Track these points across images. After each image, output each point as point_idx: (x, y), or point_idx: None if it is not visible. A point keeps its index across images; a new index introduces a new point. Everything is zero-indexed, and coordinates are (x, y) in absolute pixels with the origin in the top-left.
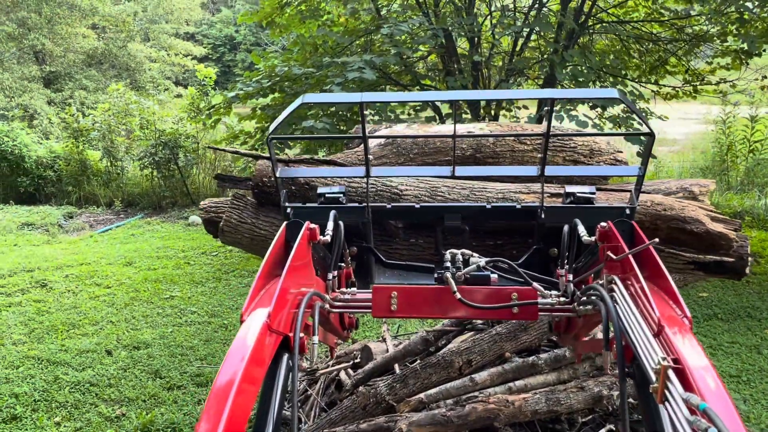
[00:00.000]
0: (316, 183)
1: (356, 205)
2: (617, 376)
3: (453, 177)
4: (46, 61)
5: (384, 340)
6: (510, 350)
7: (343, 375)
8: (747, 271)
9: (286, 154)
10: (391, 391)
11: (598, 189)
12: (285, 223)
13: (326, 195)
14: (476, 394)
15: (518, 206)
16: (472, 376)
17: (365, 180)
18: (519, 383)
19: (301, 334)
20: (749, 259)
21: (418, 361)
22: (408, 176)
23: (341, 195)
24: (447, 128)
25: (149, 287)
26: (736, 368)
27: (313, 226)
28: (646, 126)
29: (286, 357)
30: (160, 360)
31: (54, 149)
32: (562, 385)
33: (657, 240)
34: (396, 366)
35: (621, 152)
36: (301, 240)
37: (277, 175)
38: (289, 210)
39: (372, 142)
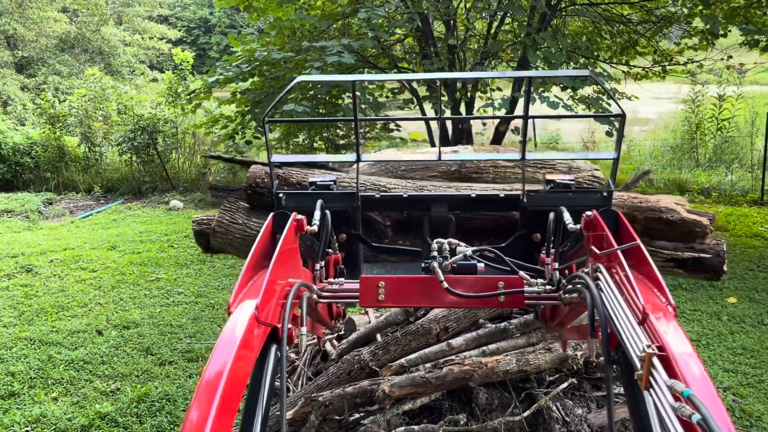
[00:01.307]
0: (307, 183)
1: (346, 191)
2: (602, 363)
3: (439, 161)
4: (18, 46)
5: (366, 312)
6: (483, 317)
7: (328, 346)
8: (724, 268)
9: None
10: (374, 358)
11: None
12: (272, 214)
13: (317, 183)
14: (453, 357)
15: (502, 195)
16: (449, 341)
17: (356, 169)
18: (492, 347)
19: (289, 325)
20: (725, 256)
21: (399, 329)
22: (397, 160)
23: (332, 183)
24: (433, 150)
25: (135, 270)
26: (696, 333)
27: (300, 217)
28: (617, 105)
29: (274, 348)
30: (150, 338)
31: (30, 136)
32: (531, 347)
33: (637, 243)
34: (378, 335)
35: (597, 170)
36: (288, 231)
37: (271, 160)
38: (281, 195)
39: (361, 164)
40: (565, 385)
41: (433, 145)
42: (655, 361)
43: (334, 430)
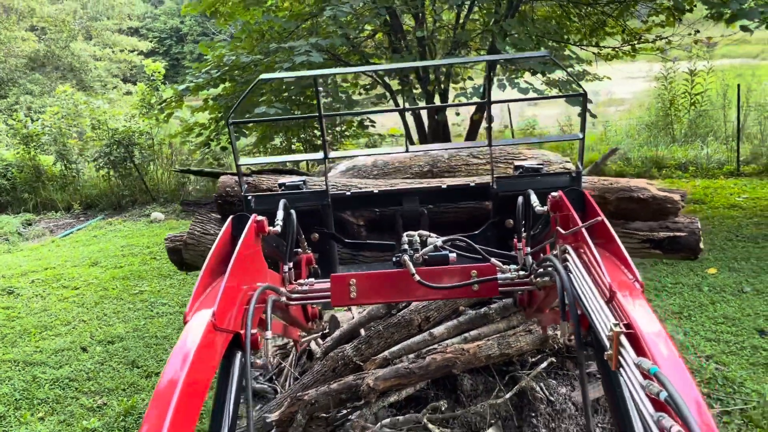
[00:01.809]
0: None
1: (317, 189)
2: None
3: (407, 152)
4: None
5: (350, 309)
6: (464, 305)
7: (313, 345)
8: (701, 246)
9: (243, 140)
10: (357, 352)
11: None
12: (230, 217)
13: (286, 183)
14: (435, 346)
15: (472, 184)
16: (431, 330)
17: (324, 167)
18: (473, 333)
19: (254, 330)
20: (700, 233)
21: (381, 323)
22: (365, 155)
23: (301, 183)
24: (401, 149)
25: (117, 284)
26: (678, 305)
27: (260, 218)
28: (578, 85)
29: (239, 354)
30: (136, 351)
31: (5, 157)
32: (512, 330)
33: (600, 218)
34: (362, 330)
35: (569, 162)
36: (247, 233)
37: (239, 164)
38: (250, 197)
39: (334, 170)
40: (544, 364)
41: (410, 139)
42: (623, 339)
43: (321, 427)
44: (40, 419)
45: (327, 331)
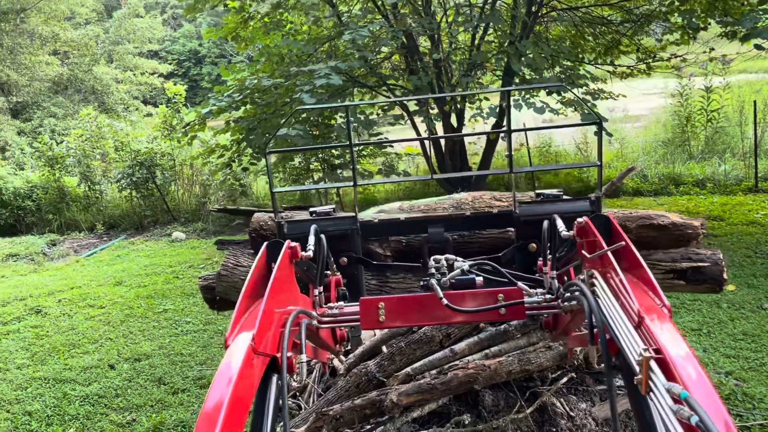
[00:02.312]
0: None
1: (345, 215)
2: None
3: (432, 178)
4: (12, 92)
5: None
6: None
7: (336, 362)
8: (725, 276)
9: (264, 161)
10: (381, 369)
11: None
12: (265, 243)
13: (317, 210)
14: (457, 362)
15: (495, 211)
16: (452, 347)
17: (353, 194)
18: (494, 349)
19: (289, 354)
20: (723, 264)
21: (403, 340)
22: (391, 182)
23: (331, 210)
24: (426, 177)
25: (142, 303)
26: (697, 322)
27: (294, 244)
28: (593, 113)
29: (275, 377)
30: (162, 368)
31: (30, 179)
32: (532, 346)
33: (623, 243)
34: (384, 347)
35: (562, 191)
36: (282, 259)
37: (273, 190)
38: (282, 223)
39: (364, 214)
40: (565, 380)
41: (427, 157)
42: (653, 364)
43: None
44: None
45: (349, 348)
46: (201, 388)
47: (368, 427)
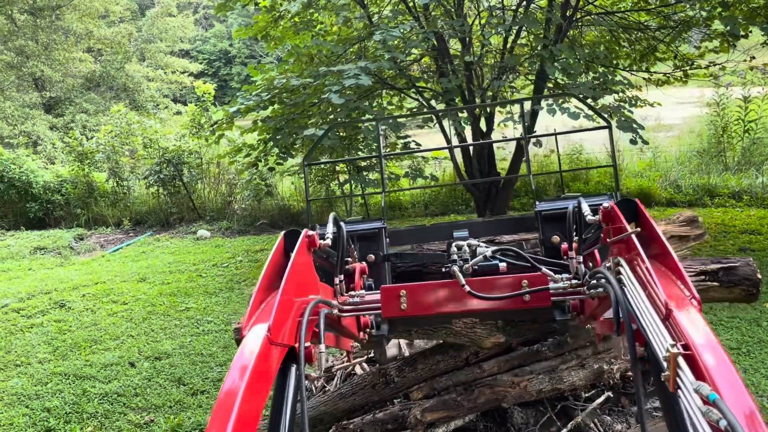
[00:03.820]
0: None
1: (375, 219)
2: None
3: (459, 183)
4: (45, 87)
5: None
6: (516, 340)
7: (358, 369)
8: (758, 276)
9: (291, 160)
10: (400, 373)
11: None
12: (282, 233)
13: (346, 220)
14: (484, 379)
15: (517, 216)
16: (480, 363)
17: (382, 201)
18: (525, 369)
19: (308, 344)
20: (755, 265)
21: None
22: (419, 188)
23: (360, 219)
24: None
25: (165, 301)
26: (736, 341)
27: (311, 233)
28: (602, 118)
29: (294, 368)
30: (182, 368)
31: (60, 173)
32: (564, 364)
33: (639, 229)
34: (405, 350)
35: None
36: (299, 248)
37: (308, 199)
38: (316, 227)
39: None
40: (601, 399)
41: (455, 163)
42: (681, 361)
43: None
44: None
45: (372, 356)
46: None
47: None
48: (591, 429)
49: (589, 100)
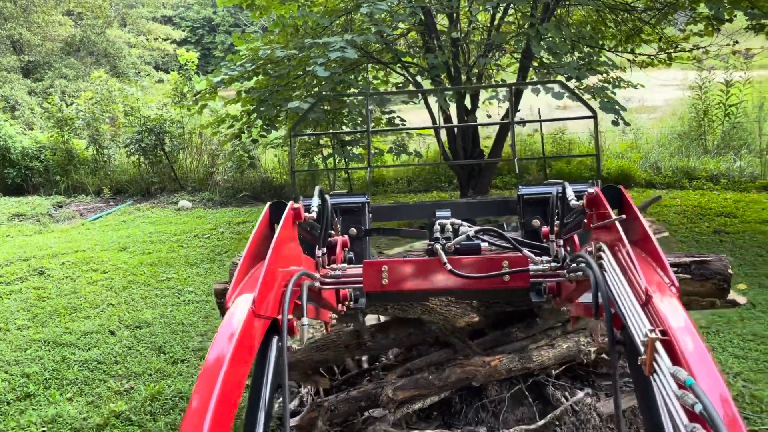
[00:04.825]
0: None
1: (358, 193)
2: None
3: (444, 163)
4: (24, 51)
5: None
6: (488, 324)
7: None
8: (730, 271)
9: (274, 132)
10: (373, 338)
11: None
12: (268, 204)
13: (331, 192)
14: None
15: (499, 199)
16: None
17: (368, 176)
18: (496, 349)
19: (290, 316)
20: (727, 260)
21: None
22: (405, 165)
23: (344, 193)
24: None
25: (145, 270)
26: (707, 320)
27: (297, 205)
28: (587, 107)
29: (276, 339)
30: (163, 337)
31: (39, 140)
32: (534, 343)
33: (624, 216)
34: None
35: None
36: (284, 220)
37: (293, 170)
38: (301, 198)
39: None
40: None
41: (439, 142)
42: (658, 346)
43: None
44: (68, 399)
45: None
46: (201, 360)
47: (367, 414)
48: (560, 401)
49: (573, 80)
